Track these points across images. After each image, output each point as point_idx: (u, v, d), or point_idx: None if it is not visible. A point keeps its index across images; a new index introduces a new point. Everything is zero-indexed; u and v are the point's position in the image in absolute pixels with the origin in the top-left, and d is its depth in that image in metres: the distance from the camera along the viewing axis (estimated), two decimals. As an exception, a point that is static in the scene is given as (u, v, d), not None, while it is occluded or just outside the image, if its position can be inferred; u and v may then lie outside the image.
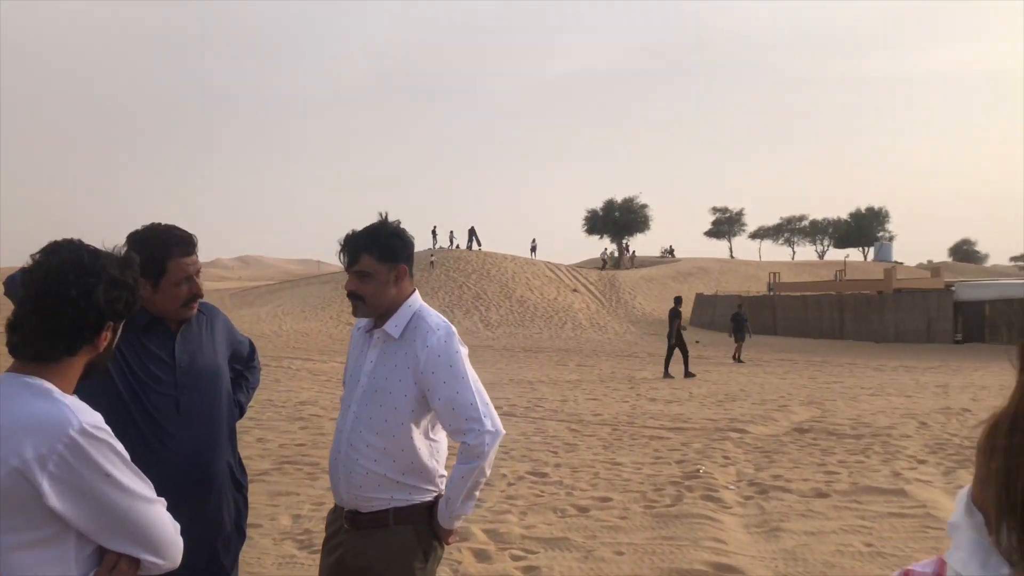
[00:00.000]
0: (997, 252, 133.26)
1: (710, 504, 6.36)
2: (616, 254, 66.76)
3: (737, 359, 23.19)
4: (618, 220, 68.83)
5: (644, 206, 69.49)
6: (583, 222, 71.30)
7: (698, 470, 7.61)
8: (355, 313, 2.68)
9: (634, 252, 68.51)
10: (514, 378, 17.49)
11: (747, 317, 24.93)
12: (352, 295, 2.63)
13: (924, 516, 6.05)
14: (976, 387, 16.05)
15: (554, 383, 16.49)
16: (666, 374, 18.17)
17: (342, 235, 2.64)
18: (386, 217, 2.67)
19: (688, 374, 18.00)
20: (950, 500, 6.56)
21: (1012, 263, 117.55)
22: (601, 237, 70.85)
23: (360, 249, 2.59)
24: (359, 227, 2.65)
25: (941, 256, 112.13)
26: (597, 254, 71.20)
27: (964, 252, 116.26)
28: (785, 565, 4.93)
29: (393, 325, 2.61)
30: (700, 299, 44.98)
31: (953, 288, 34.69)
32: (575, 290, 46.76)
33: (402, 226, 2.67)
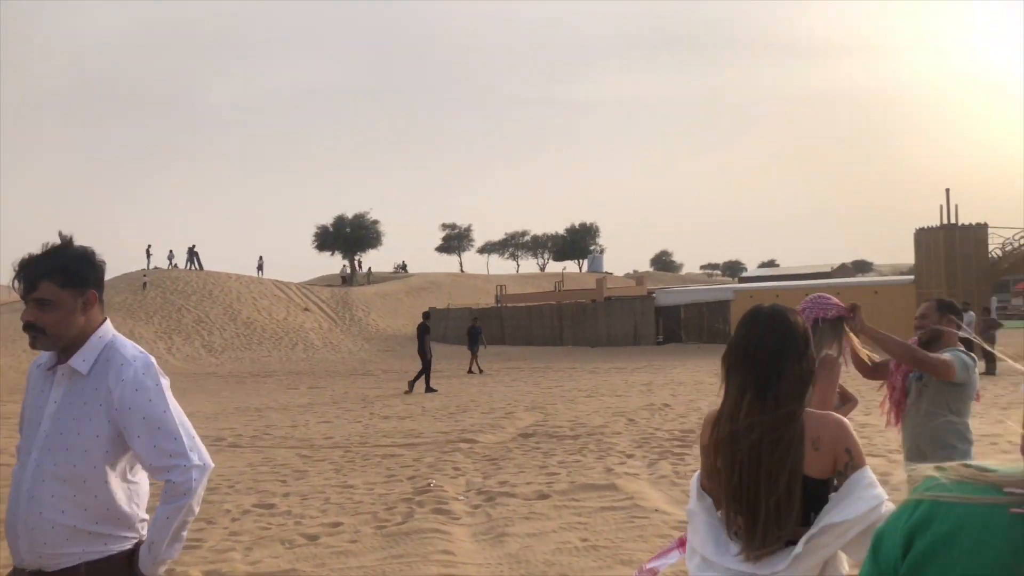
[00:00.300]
0: (690, 261, 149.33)
1: (440, 517, 6.47)
2: (350, 270, 66.12)
3: (473, 370, 23.90)
4: (349, 236, 68.21)
5: (375, 222, 69.48)
6: (313, 238, 69.79)
7: (429, 484, 7.72)
8: (34, 346, 2.40)
9: (370, 268, 68.25)
10: (240, 406, 16.66)
11: (481, 329, 25.82)
12: (30, 326, 2.34)
13: (632, 507, 6.61)
14: (675, 383, 17.85)
15: (284, 408, 15.93)
16: (428, 389, 18.22)
17: (17, 258, 2.36)
18: (70, 239, 2.42)
19: (429, 389, 18.18)
20: (653, 490, 7.25)
21: (702, 271, 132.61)
22: (332, 254, 69.80)
23: (39, 274, 2.32)
24: (37, 249, 2.38)
25: (644, 266, 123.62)
26: (329, 271, 69.96)
27: (663, 262, 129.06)
28: (510, 569, 5.15)
29: (81, 359, 2.37)
30: (433, 313, 45.81)
31: (654, 295, 38.37)
32: (306, 309, 45.56)
33: (89, 247, 2.43)
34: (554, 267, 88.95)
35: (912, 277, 31.84)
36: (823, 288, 33.86)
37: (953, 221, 29.06)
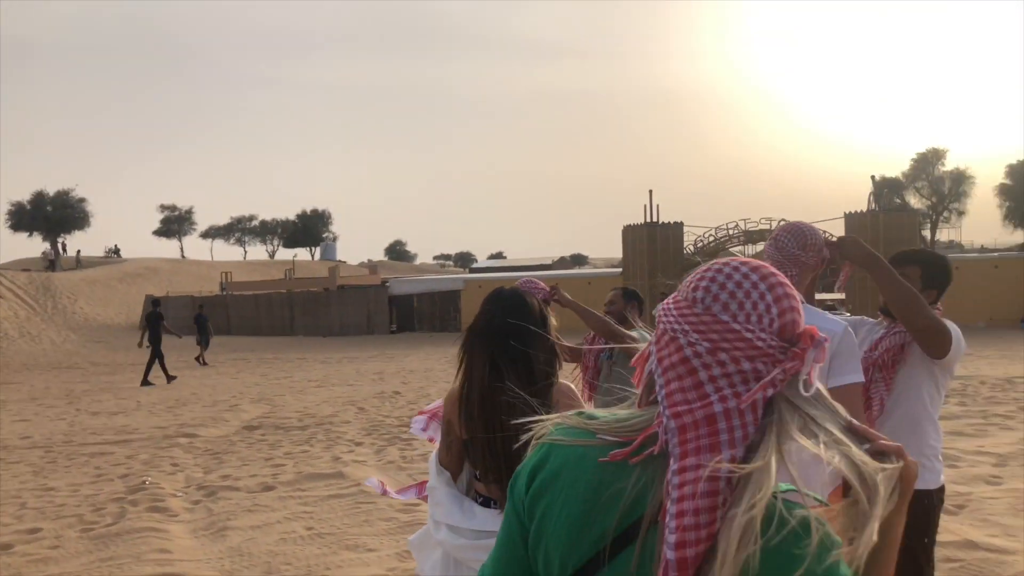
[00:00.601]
0: (424, 252, 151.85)
1: (156, 515, 6.18)
2: (54, 254, 59.48)
3: (201, 362, 22.66)
4: (51, 216, 61.26)
5: (82, 200, 63.03)
6: (6, 217, 61.87)
7: (144, 482, 7.31)
8: None
9: (79, 252, 61.79)
10: (-89, 405, 14.49)
11: (208, 318, 24.50)
12: None
13: (358, 494, 6.73)
14: (407, 371, 18.21)
15: (-32, 406, 14.10)
16: (144, 382, 16.88)
17: None
18: None
19: (146, 382, 16.96)
20: (381, 476, 7.42)
21: (435, 261, 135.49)
22: (31, 235, 62.32)
23: None
24: None
25: (379, 255, 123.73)
26: (27, 254, 62.44)
27: (398, 251, 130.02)
28: (231, 563, 5.07)
29: None
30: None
31: (388, 284, 38.67)
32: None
33: None
34: (284, 254, 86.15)
35: (620, 270, 34.94)
36: (545, 279, 36.14)
37: (655, 219, 32.25)
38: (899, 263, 3.08)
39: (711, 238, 32.18)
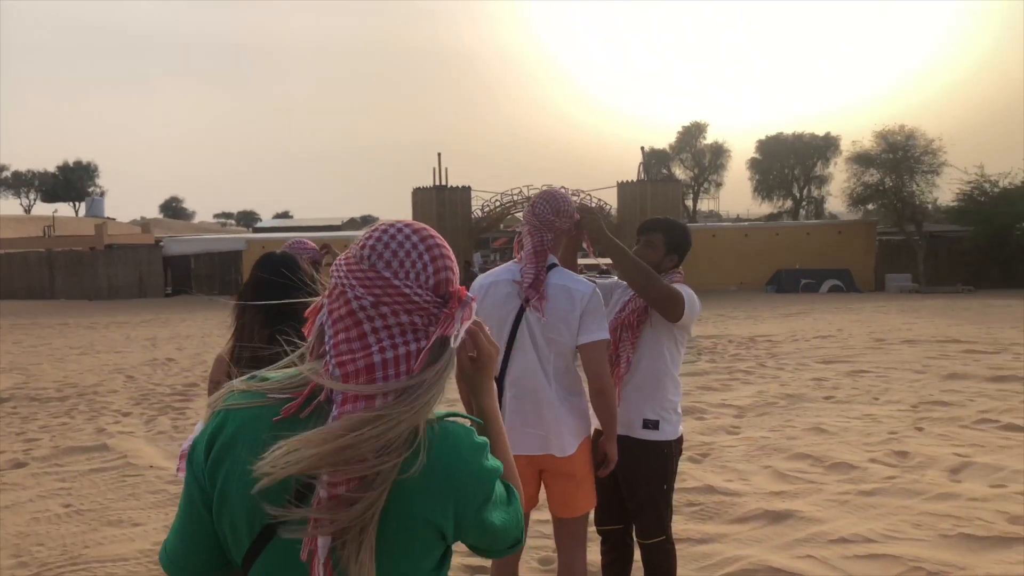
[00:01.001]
0: (204, 210, 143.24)
1: None
2: None
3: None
4: None
5: None
6: None
7: None
8: None
9: None
10: None
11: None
12: None
13: (124, 466, 6.42)
14: (182, 337, 17.32)
15: None
16: None
17: None
18: None
19: None
20: (150, 447, 7.11)
21: (216, 220, 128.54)
22: None
23: None
24: None
25: (153, 212, 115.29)
26: None
27: (174, 209, 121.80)
28: (-26, 546, 4.69)
29: None
30: None
31: (162, 244, 36.29)
32: None
33: None
34: (43, 209, 78.17)
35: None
36: (329, 239, 35.44)
37: (444, 183, 32.56)
38: (645, 231, 3.41)
39: (497, 203, 32.97)
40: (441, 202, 32.22)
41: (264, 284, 2.54)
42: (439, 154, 32.48)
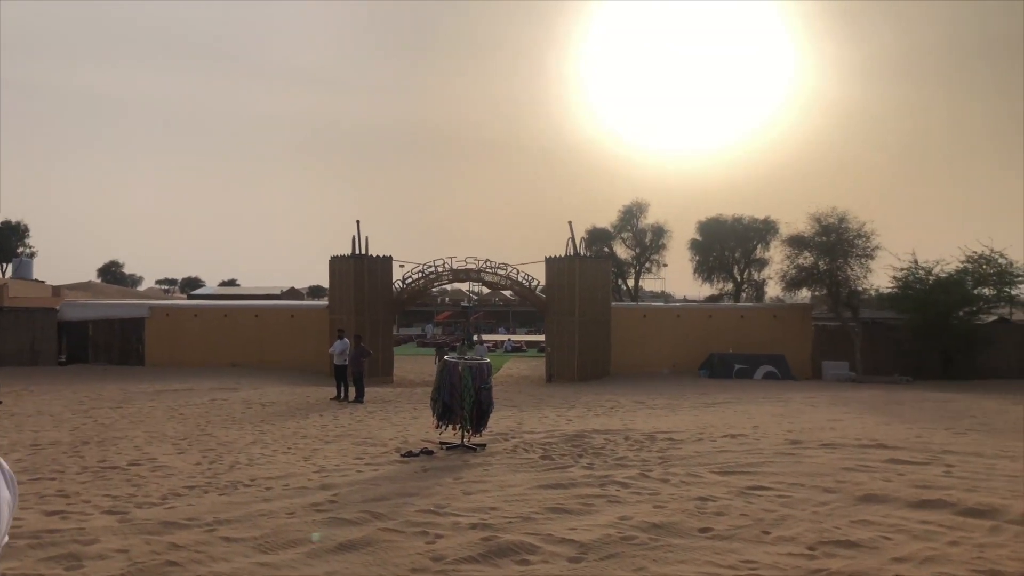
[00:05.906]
0: (149, 275, 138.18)
1: None
2: None
3: None
4: None
5: None
6: None
7: None
8: None
9: None
10: None
11: None
12: None
13: None
14: (34, 415, 14.91)
15: None
16: None
17: None
18: None
19: None
20: None
21: (158, 285, 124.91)
22: None
23: None
24: None
25: (92, 276, 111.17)
26: None
27: (114, 273, 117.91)
28: None
29: None
30: None
31: (58, 308, 33.68)
32: None
33: None
34: (-37, 268, 74.46)
35: (327, 302, 32.90)
36: (251, 308, 33.26)
37: (363, 252, 30.68)
38: None
39: (419, 274, 31.16)
40: (359, 271, 30.31)
41: None
42: (358, 221, 30.74)
